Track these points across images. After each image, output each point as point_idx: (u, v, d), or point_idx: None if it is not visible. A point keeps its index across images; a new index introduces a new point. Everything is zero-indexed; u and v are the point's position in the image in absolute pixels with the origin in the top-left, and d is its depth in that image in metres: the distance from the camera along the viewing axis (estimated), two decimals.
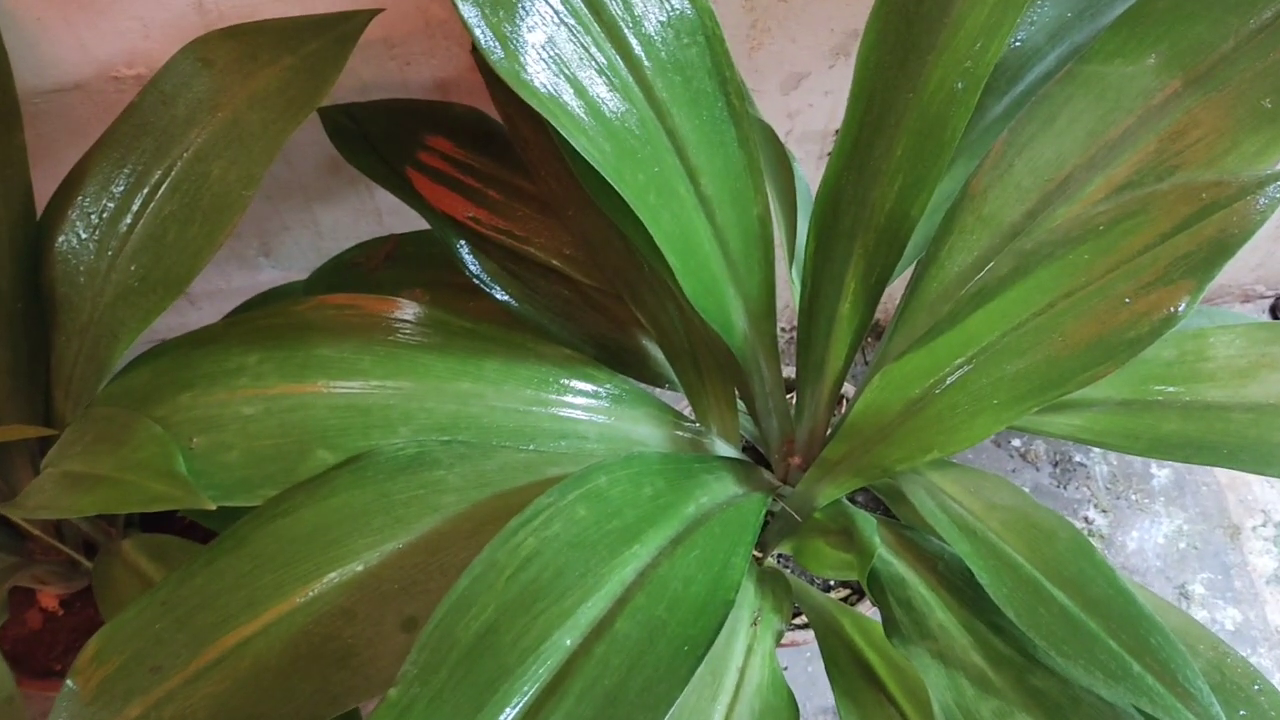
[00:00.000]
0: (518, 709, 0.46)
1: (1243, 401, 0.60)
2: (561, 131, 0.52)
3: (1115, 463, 1.06)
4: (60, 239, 0.65)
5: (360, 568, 0.55)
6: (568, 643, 0.48)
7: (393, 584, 0.54)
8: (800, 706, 0.65)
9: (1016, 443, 1.07)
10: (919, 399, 0.63)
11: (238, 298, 0.79)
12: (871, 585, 0.64)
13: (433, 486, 0.58)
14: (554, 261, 0.71)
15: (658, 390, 0.75)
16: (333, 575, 0.54)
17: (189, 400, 0.60)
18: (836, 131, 0.90)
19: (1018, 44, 0.70)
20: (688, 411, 0.75)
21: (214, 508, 0.53)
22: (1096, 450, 1.06)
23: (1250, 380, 0.60)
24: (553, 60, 0.53)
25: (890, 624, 0.61)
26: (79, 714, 0.52)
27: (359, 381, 0.61)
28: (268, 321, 0.63)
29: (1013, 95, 0.70)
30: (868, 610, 0.80)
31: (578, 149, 0.53)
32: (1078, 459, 1.06)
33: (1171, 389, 0.63)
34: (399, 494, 0.57)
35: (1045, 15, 0.70)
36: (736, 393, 0.74)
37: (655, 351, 0.75)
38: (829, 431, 0.75)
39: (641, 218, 0.56)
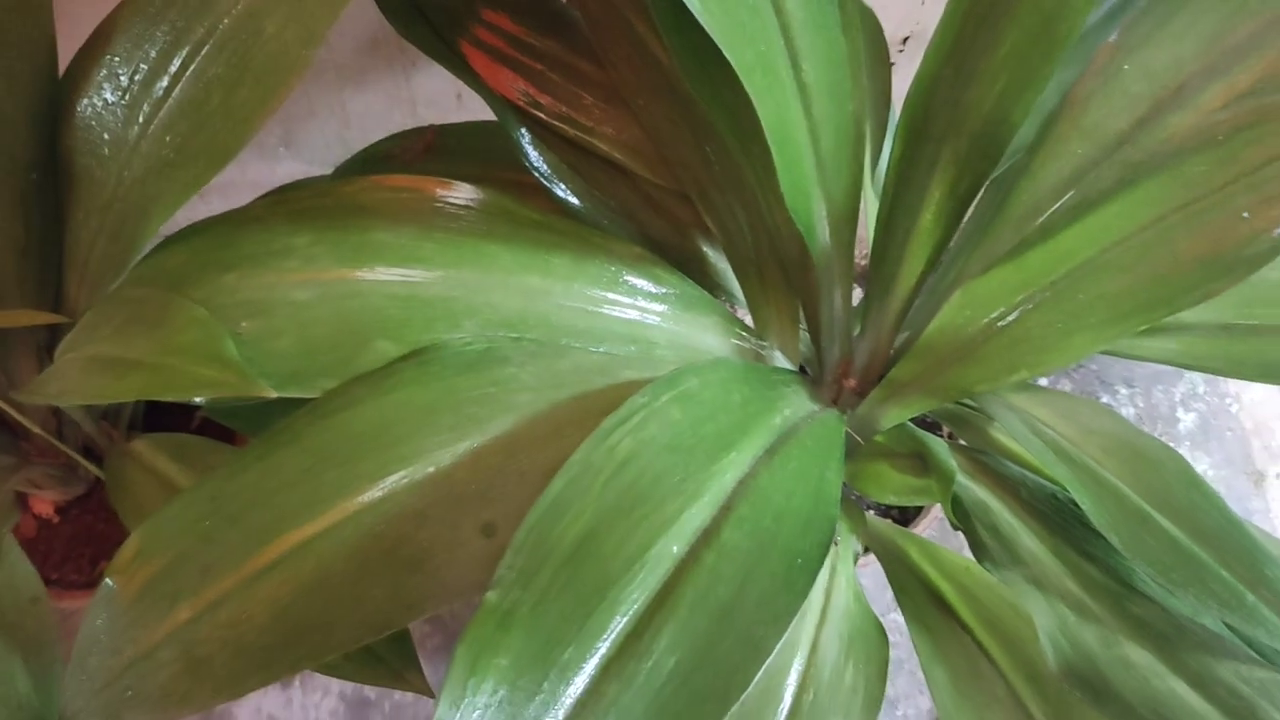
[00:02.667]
0: (628, 616, 0.42)
1: None
2: None
3: (1142, 405, 1.04)
4: (84, 102, 0.59)
5: (431, 469, 0.50)
6: (674, 550, 0.44)
7: (468, 486, 0.49)
8: None
9: (1043, 381, 1.05)
10: (1005, 316, 0.59)
11: (253, 192, 0.73)
12: (956, 510, 0.61)
13: (505, 384, 0.53)
14: (617, 155, 0.66)
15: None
16: (401, 475, 0.50)
17: (233, 281, 0.54)
18: (905, 39, 0.85)
19: None
20: (748, 322, 0.71)
21: (275, 395, 0.48)
22: (1124, 391, 1.04)
23: None
24: None
25: (979, 549, 0.58)
26: (121, 616, 0.48)
27: (420, 270, 0.56)
28: (316, 202, 0.58)
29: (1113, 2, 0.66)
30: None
31: (692, 9, 0.47)
32: (1104, 399, 1.04)
33: (1276, 312, 0.60)
34: (469, 391, 0.53)
35: None
36: (800, 309, 0.70)
37: (717, 260, 0.70)
38: (891, 353, 0.72)
39: (751, 96, 0.51)
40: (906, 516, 0.84)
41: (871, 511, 0.83)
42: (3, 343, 0.67)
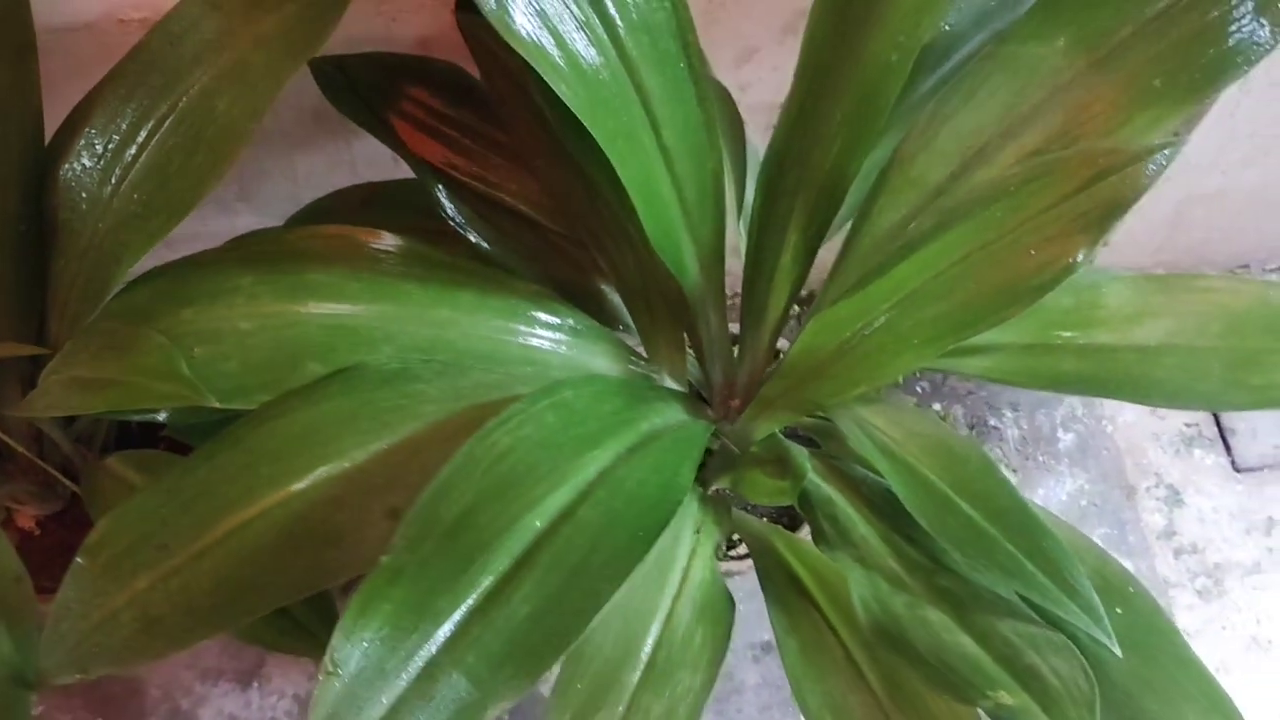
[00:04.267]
0: (495, 576, 0.52)
1: (1130, 343, 0.69)
2: (544, 77, 0.58)
3: (1025, 426, 1.15)
4: (65, 166, 0.70)
5: (348, 464, 0.61)
6: (537, 524, 0.55)
7: (378, 478, 0.60)
8: (734, 642, 0.71)
9: (937, 407, 1.16)
10: (850, 340, 0.70)
11: (215, 241, 0.84)
12: (803, 504, 0.72)
13: (414, 397, 0.64)
14: (522, 207, 0.77)
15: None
16: (324, 469, 0.60)
17: (190, 315, 0.65)
18: (783, 104, 0.97)
19: (947, 28, 0.77)
20: (641, 353, 0.82)
21: (218, 405, 0.59)
22: (1009, 414, 1.15)
23: (1136, 325, 0.69)
24: (537, 14, 0.59)
25: (818, 535, 0.69)
26: (88, 588, 0.58)
27: (346, 304, 0.67)
28: (261, 247, 0.69)
29: (940, 74, 0.78)
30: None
31: (558, 94, 0.59)
32: (992, 422, 1.15)
33: (1069, 333, 0.71)
34: (384, 402, 0.63)
35: (973, 3, 0.78)
36: (686, 338, 0.81)
37: (612, 296, 0.81)
38: (766, 375, 0.83)
39: (611, 160, 0.62)
40: (796, 522, 0.94)
41: (765, 519, 0.93)
42: None
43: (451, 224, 0.76)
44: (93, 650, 0.56)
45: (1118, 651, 0.58)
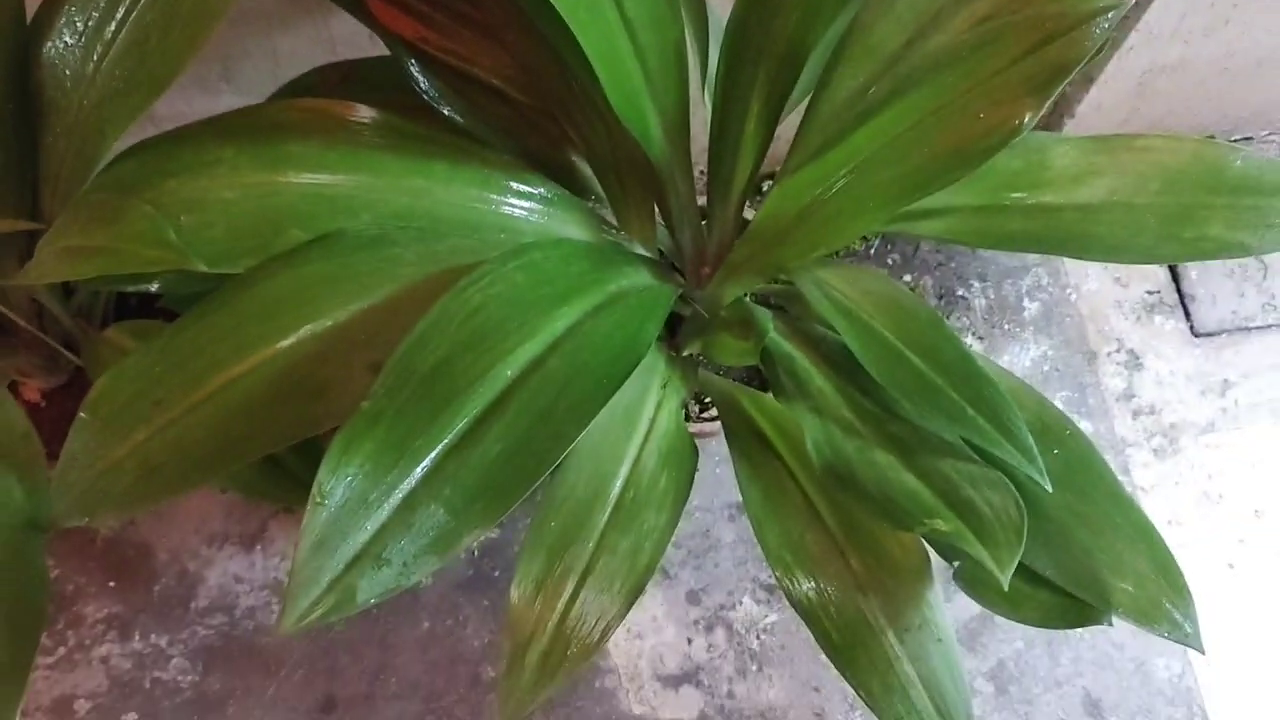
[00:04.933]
0: (468, 419, 0.57)
1: (1073, 202, 0.72)
2: None
3: (993, 296, 1.19)
4: (48, 45, 0.72)
5: (330, 322, 0.64)
6: (508, 374, 0.59)
7: (359, 335, 0.64)
8: (710, 503, 0.75)
9: (907, 278, 1.19)
10: (810, 205, 0.73)
11: None
12: (764, 361, 0.76)
13: (392, 261, 0.68)
14: (495, 81, 0.79)
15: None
16: (308, 328, 0.64)
17: (174, 186, 0.68)
18: None
19: None
20: (613, 222, 0.85)
21: (205, 269, 0.63)
22: (977, 284, 1.19)
23: (1080, 185, 0.72)
24: None
25: (777, 387, 0.73)
26: (92, 440, 0.62)
27: (325, 174, 0.70)
28: (241, 121, 0.71)
29: None
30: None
31: None
32: (960, 293, 1.18)
33: (1017, 194, 0.74)
34: (363, 265, 0.67)
35: None
36: (655, 208, 0.84)
37: (584, 168, 0.84)
38: (735, 243, 0.86)
39: (573, 31, 0.65)
40: (767, 386, 0.99)
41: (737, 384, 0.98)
42: None
43: (426, 98, 0.78)
44: (98, 496, 0.61)
45: (1048, 486, 0.63)
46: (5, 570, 0.62)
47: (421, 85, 0.78)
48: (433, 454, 0.55)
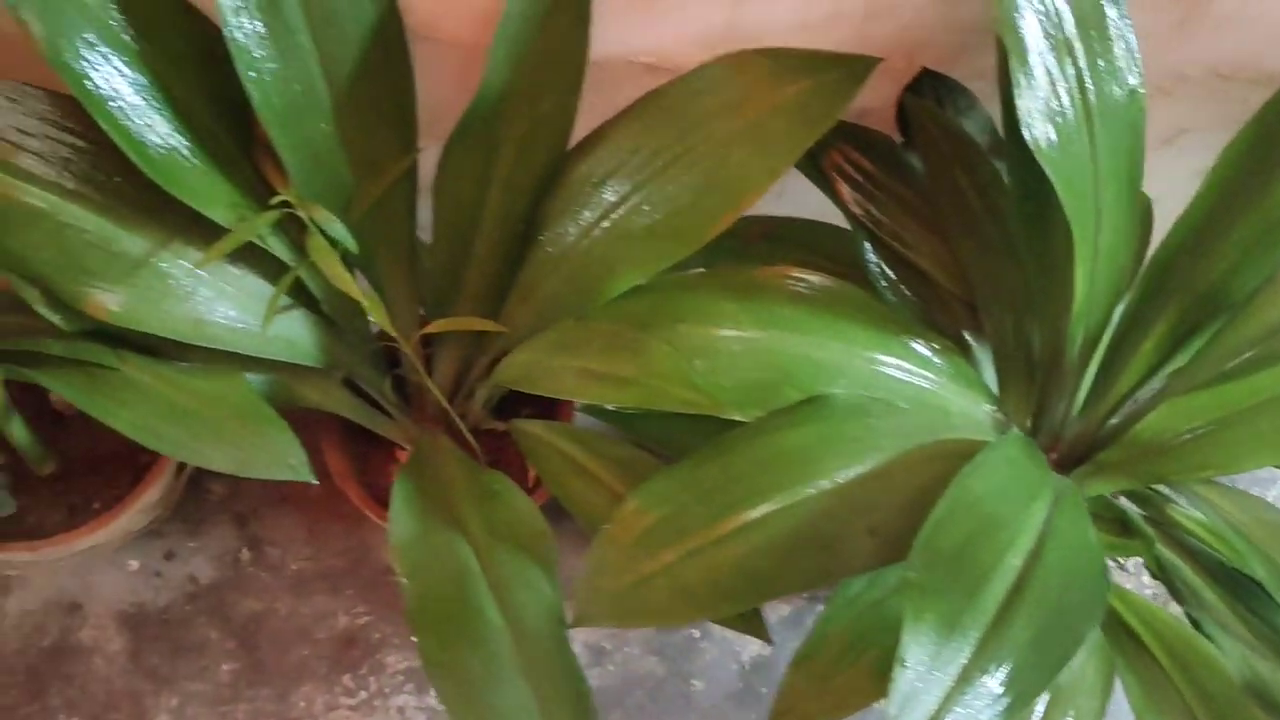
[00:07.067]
0: (996, 603, 0.64)
1: None
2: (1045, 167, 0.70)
3: None
4: (578, 170, 0.81)
5: (827, 483, 0.72)
6: (1016, 563, 0.67)
7: (858, 499, 0.72)
8: None
9: None
10: (1200, 429, 0.81)
11: None
12: (1159, 566, 0.83)
13: (871, 430, 0.76)
14: (925, 265, 0.88)
15: None
16: (812, 484, 0.72)
17: (685, 330, 0.77)
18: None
19: None
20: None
21: (739, 417, 0.71)
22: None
23: None
24: (1048, 120, 0.71)
25: (1177, 595, 0.80)
26: (621, 553, 0.70)
27: (810, 338, 0.78)
28: (735, 279, 0.80)
29: None
30: None
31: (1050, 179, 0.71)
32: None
33: None
34: (850, 431, 0.75)
35: None
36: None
37: (979, 351, 0.93)
38: (1096, 440, 0.94)
39: (1076, 254, 0.73)
40: None
41: None
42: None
43: (868, 268, 0.87)
44: (634, 606, 0.68)
45: None
46: (544, 662, 0.69)
47: (870, 258, 0.87)
48: (978, 627, 0.62)
